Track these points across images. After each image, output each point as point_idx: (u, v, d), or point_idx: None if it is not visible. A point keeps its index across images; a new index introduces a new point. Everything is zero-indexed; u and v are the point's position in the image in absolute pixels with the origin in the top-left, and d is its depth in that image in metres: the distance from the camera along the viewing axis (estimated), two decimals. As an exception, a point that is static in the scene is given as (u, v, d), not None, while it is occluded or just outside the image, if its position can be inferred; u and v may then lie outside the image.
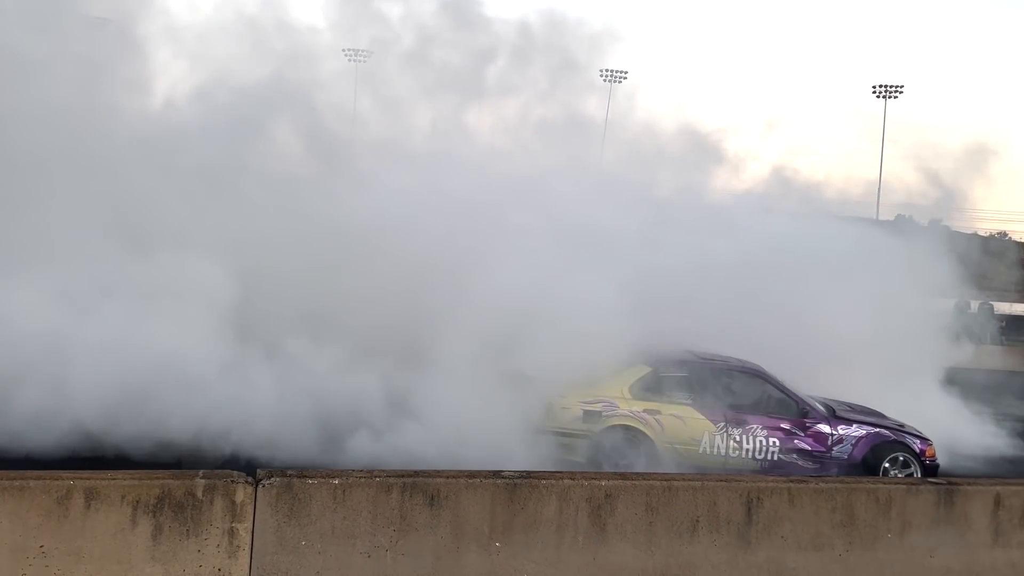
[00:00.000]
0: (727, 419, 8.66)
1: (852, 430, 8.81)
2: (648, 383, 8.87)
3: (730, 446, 8.58)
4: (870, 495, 5.47)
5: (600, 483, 4.96)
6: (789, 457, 8.62)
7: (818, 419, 8.84)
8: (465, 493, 4.67)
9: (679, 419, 8.63)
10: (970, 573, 5.54)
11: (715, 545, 5.07)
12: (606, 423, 8.58)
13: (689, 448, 8.53)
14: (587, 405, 8.62)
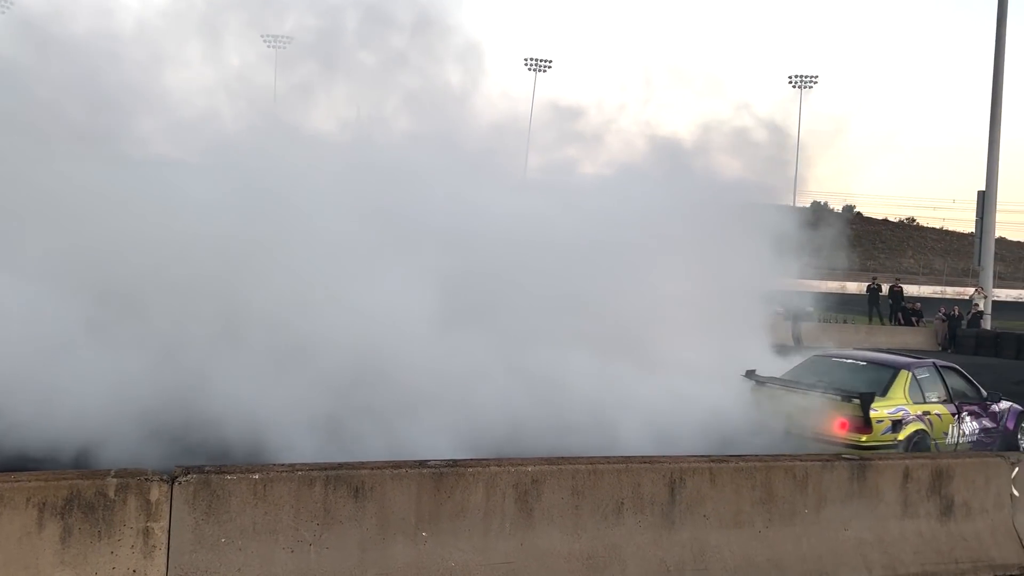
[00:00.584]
0: (958, 410, 9.80)
1: (1003, 405, 10.53)
2: (912, 387, 9.60)
3: (960, 434, 9.75)
4: (788, 472, 5.63)
5: (527, 468, 4.96)
6: (982, 436, 10.04)
7: (993, 400, 10.28)
8: (391, 484, 4.62)
9: (938, 416, 9.59)
10: (881, 543, 5.77)
11: (640, 526, 5.15)
12: (907, 430, 9.13)
13: (942, 441, 9.52)
14: (892, 415, 9.11)
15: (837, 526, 5.70)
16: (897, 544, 5.81)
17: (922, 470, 6.05)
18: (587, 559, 4.94)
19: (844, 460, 5.87)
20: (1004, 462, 6.35)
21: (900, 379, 9.56)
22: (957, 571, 5.90)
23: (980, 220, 25.05)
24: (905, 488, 5.97)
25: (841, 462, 5.84)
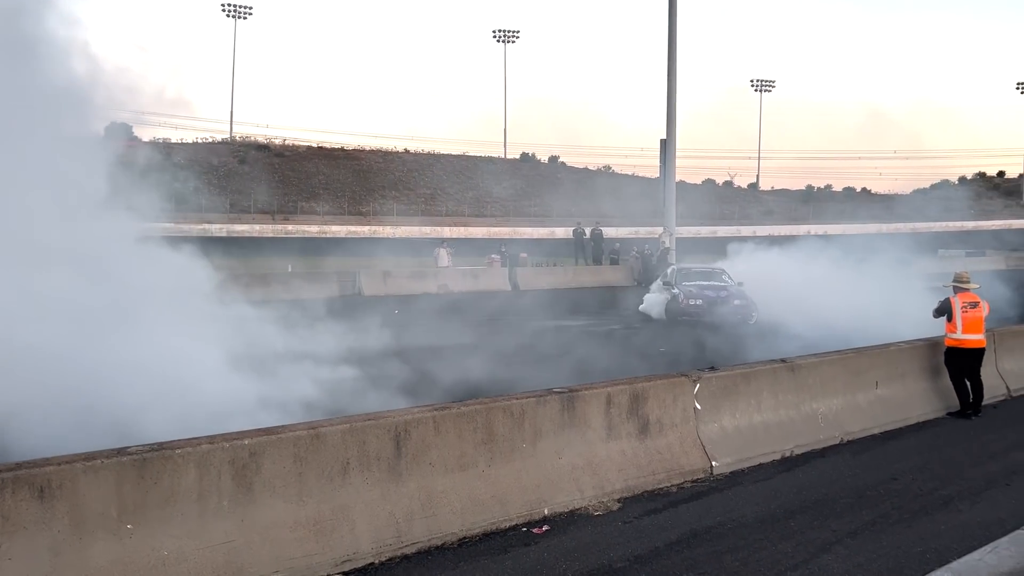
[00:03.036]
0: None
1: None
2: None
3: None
4: (506, 411, 5.91)
5: (243, 442, 4.71)
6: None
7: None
8: (83, 478, 4.14)
9: None
10: (590, 466, 6.28)
11: (367, 483, 5.13)
12: None
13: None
14: None
15: (552, 456, 6.11)
16: (604, 465, 6.37)
17: (622, 395, 6.65)
18: (314, 525, 4.83)
19: (555, 394, 6.27)
20: (688, 380, 7.17)
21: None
22: (655, 482, 6.60)
23: (663, 166, 27.83)
24: (609, 413, 6.54)
25: (552, 396, 6.23)
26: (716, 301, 17.60)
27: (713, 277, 19.12)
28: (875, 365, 9.03)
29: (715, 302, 17.58)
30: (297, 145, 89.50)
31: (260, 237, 61.93)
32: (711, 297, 17.77)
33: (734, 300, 17.62)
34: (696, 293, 17.96)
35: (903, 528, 5.83)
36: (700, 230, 62.47)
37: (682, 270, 19.81)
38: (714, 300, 17.63)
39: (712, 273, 19.46)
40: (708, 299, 17.68)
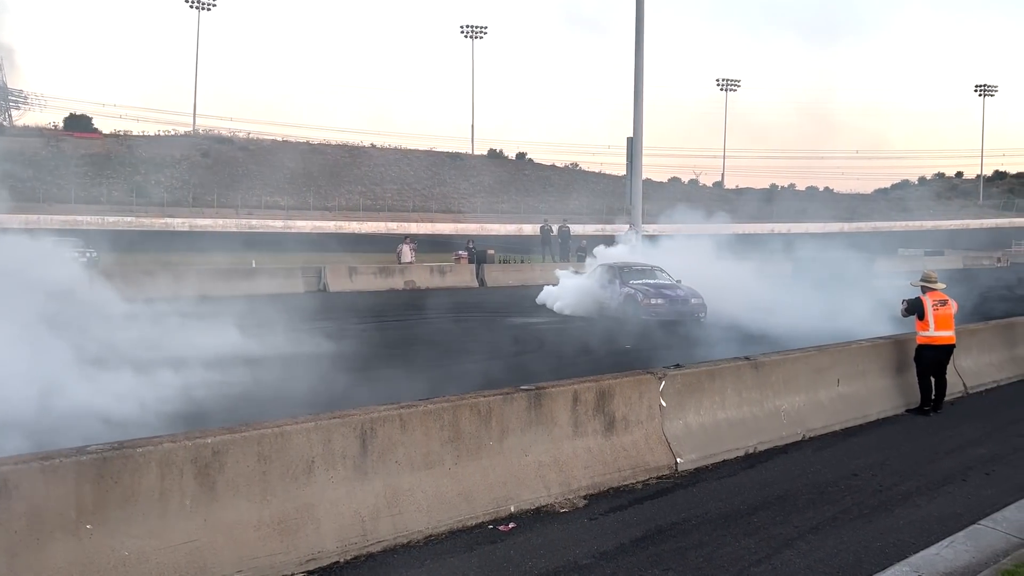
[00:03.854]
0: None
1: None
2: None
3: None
4: (473, 409, 5.90)
5: (206, 441, 4.64)
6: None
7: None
8: (41, 478, 4.05)
9: None
10: (557, 463, 6.30)
11: (332, 482, 5.09)
12: None
13: None
14: None
15: (519, 453, 6.11)
16: (571, 462, 6.39)
17: (588, 392, 6.67)
18: (279, 524, 4.79)
19: (522, 391, 6.27)
20: (653, 377, 7.22)
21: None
22: (620, 479, 6.64)
23: (630, 164, 27.99)
24: (575, 410, 6.56)
25: (520, 393, 6.23)
26: (675, 300, 17.84)
27: (655, 275, 19.13)
28: (837, 363, 9.17)
29: (674, 301, 17.81)
30: (262, 139, 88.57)
31: (223, 231, 61.07)
32: (670, 296, 17.94)
33: (691, 299, 17.85)
34: (654, 292, 18.04)
35: (863, 523, 5.93)
36: (665, 227, 62.97)
37: (623, 268, 19.48)
38: (673, 299, 17.85)
39: (652, 271, 19.40)
40: (668, 298, 17.86)
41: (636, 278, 18.85)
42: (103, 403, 8.16)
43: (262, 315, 15.77)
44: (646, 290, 18.14)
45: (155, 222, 63.93)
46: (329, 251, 38.71)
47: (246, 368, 10.63)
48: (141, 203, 69.26)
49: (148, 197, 70.67)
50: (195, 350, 11.09)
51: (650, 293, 17.98)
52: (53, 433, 6.75)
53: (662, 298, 17.82)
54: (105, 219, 61.97)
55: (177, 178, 77.30)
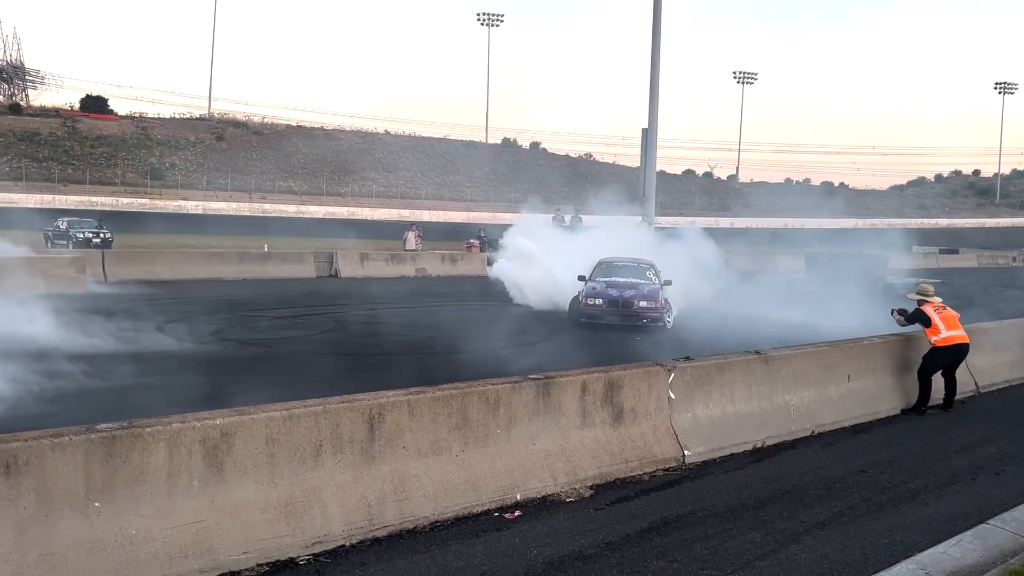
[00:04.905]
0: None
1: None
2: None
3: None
4: (481, 396, 5.89)
5: (215, 422, 4.66)
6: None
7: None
8: (51, 455, 4.08)
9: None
10: (564, 453, 6.30)
11: (340, 466, 5.10)
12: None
13: None
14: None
15: (526, 442, 6.11)
16: (578, 452, 6.39)
17: (597, 383, 6.66)
18: (285, 506, 4.80)
19: (531, 380, 6.26)
20: (663, 369, 7.20)
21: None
22: (627, 469, 6.63)
23: (644, 155, 27.86)
24: (584, 400, 6.55)
25: (528, 382, 6.22)
26: (616, 302, 15.56)
27: (636, 272, 16.82)
28: (848, 359, 9.12)
29: (615, 302, 15.56)
30: (276, 123, 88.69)
31: (236, 215, 61.30)
32: (613, 296, 15.65)
33: (640, 301, 15.54)
34: (599, 291, 15.88)
35: (870, 520, 5.90)
36: (679, 220, 62.72)
37: (602, 263, 17.23)
38: (616, 300, 15.58)
39: (636, 268, 17.04)
40: (610, 298, 15.62)
41: (607, 274, 16.73)
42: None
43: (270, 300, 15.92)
44: (592, 288, 16.08)
45: (168, 204, 64.20)
46: (340, 237, 38.77)
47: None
48: (155, 185, 69.55)
49: (162, 179, 70.96)
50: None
51: (593, 292, 15.93)
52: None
53: (602, 299, 15.67)
54: (119, 200, 62.32)
55: (191, 161, 77.52)
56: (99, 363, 10.65)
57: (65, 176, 68.16)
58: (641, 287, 16.09)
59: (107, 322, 14.46)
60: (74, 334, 12.71)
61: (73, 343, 11.95)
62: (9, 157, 68.91)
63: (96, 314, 15.26)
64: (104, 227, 33.92)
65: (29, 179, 65.83)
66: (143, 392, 9.19)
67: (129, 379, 9.94)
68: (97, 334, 13.05)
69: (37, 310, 13.97)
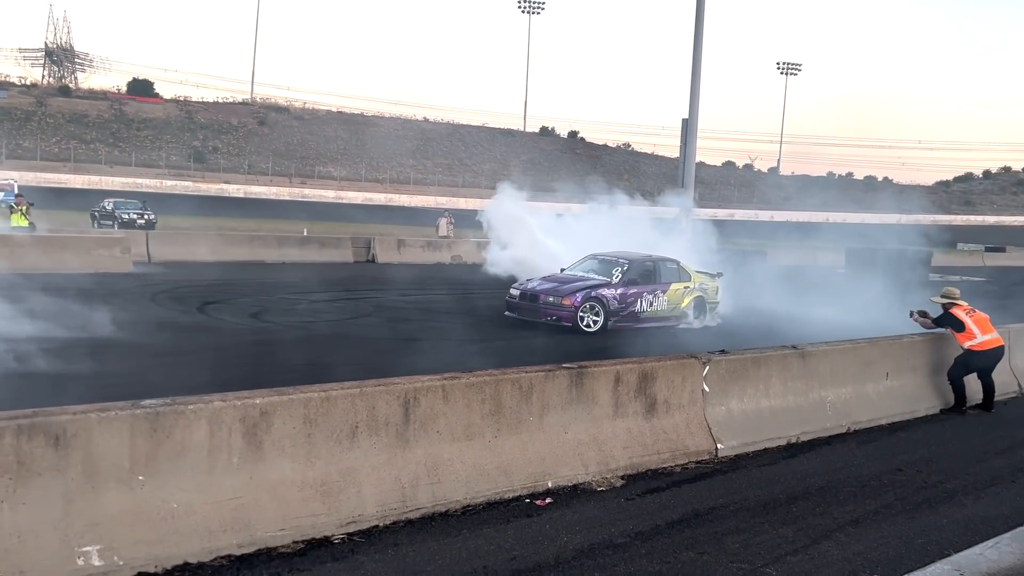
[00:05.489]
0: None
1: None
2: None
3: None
4: (515, 384, 5.94)
5: (255, 401, 4.76)
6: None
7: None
8: (98, 428, 4.21)
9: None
10: (596, 442, 6.32)
11: (375, 447, 5.19)
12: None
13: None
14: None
15: (558, 430, 6.14)
16: (610, 442, 6.40)
17: (631, 373, 6.67)
18: (321, 485, 4.90)
19: (564, 369, 6.29)
20: (697, 362, 7.18)
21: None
22: (659, 461, 6.64)
23: (683, 146, 27.61)
24: (617, 391, 6.56)
25: (562, 371, 6.25)
26: (527, 294, 14.23)
27: (609, 269, 14.76)
28: (887, 356, 9.00)
29: (526, 295, 14.21)
30: (317, 109, 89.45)
31: (276, 199, 62.04)
32: (527, 289, 14.36)
33: (548, 296, 13.88)
34: (520, 284, 14.79)
35: (905, 519, 5.84)
36: (717, 212, 62.08)
37: (588, 257, 15.54)
38: (527, 292, 14.25)
39: (616, 263, 14.93)
40: (523, 290, 14.37)
41: (583, 268, 15.17)
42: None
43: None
44: (524, 282, 14.98)
45: (211, 187, 65.19)
46: (378, 222, 39.05)
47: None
48: (198, 168, 70.62)
49: (205, 162, 72.07)
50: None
51: (520, 284, 14.83)
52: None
53: (519, 289, 14.49)
54: (163, 183, 63.43)
55: (233, 145, 78.59)
56: (142, 339, 10.92)
57: (111, 158, 69.53)
58: (571, 283, 14.21)
59: (150, 302, 14.79)
60: (118, 312, 13.01)
61: (116, 319, 12.23)
62: (59, 138, 70.50)
63: (140, 294, 15.60)
64: (148, 208, 34.56)
65: (77, 160, 67.29)
66: (183, 368, 9.41)
67: (171, 356, 10.17)
68: (140, 313, 13.35)
69: (82, 289, 14.29)
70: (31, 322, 10.75)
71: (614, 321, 14.11)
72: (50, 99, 77.68)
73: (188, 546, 4.36)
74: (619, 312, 14.20)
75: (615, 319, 14.15)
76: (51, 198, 37.26)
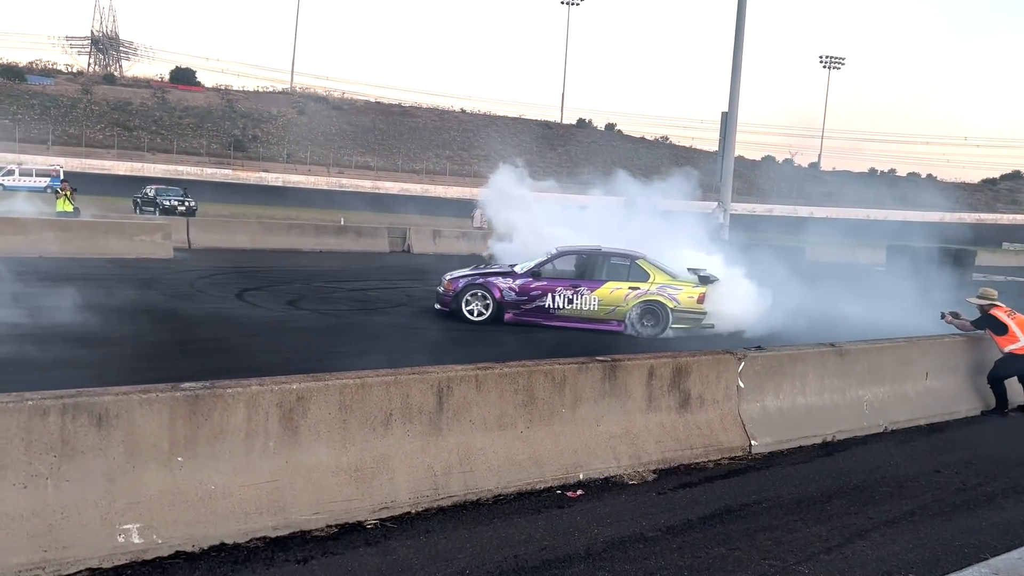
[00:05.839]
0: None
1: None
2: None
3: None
4: (548, 375, 5.95)
5: (291, 386, 4.83)
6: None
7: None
8: (139, 410, 4.30)
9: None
10: (628, 435, 6.30)
11: (408, 435, 5.23)
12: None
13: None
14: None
15: (591, 422, 6.14)
16: (642, 436, 6.39)
17: (664, 367, 6.64)
18: (355, 471, 4.96)
19: (598, 362, 6.28)
20: (733, 358, 7.12)
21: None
22: (692, 456, 6.60)
23: (723, 140, 27.33)
24: (650, 385, 6.54)
25: (595, 364, 6.24)
26: (442, 283, 13.64)
27: (567, 262, 13.80)
28: (927, 355, 8.84)
29: (444, 283, 13.58)
30: (355, 99, 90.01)
31: (314, 188, 62.63)
32: (445, 279, 13.63)
33: (441, 285, 13.56)
34: (446, 277, 13.77)
35: (942, 521, 5.75)
36: (756, 207, 61.42)
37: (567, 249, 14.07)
38: (444, 281, 13.60)
39: (577, 257, 13.80)
40: (448, 281, 13.51)
41: (552, 263, 13.75)
42: None
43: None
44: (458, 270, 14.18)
45: (250, 175, 66.02)
46: (414, 213, 39.25)
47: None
48: (238, 156, 71.53)
49: (245, 151, 72.96)
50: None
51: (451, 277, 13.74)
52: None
53: (441, 285, 13.66)
54: (204, 170, 64.39)
55: (272, 134, 79.44)
56: (181, 323, 11.13)
57: (153, 145, 70.69)
58: (476, 271, 13.67)
59: (190, 287, 15.05)
60: (158, 296, 13.25)
61: (157, 303, 12.46)
62: (103, 125, 71.85)
63: (180, 280, 15.88)
64: (189, 196, 35.12)
65: (120, 147, 68.53)
66: (220, 354, 9.57)
67: (211, 341, 10.35)
68: (181, 298, 13.59)
69: (123, 274, 14.58)
70: (63, 307, 11.03)
71: (514, 314, 13.05)
72: (95, 87, 79.17)
73: (225, 527, 4.45)
74: (519, 305, 13.04)
75: (514, 312, 13.06)
76: (95, 184, 38.03)
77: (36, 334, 9.50)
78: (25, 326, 9.91)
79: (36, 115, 70.82)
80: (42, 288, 12.78)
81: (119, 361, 8.78)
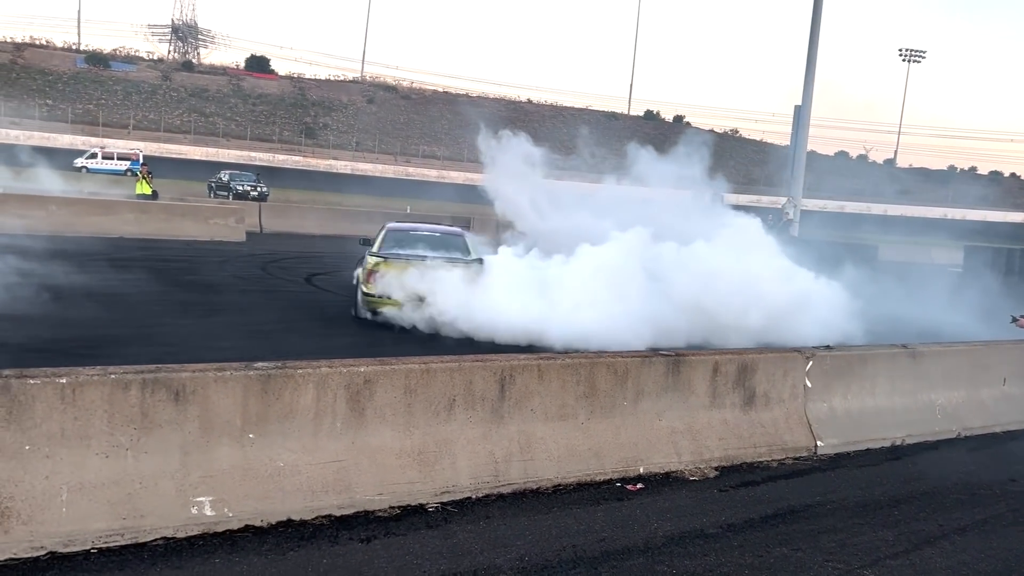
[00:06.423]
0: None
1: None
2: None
3: None
4: (609, 368, 5.94)
5: (359, 369, 4.94)
6: None
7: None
8: (214, 386, 4.46)
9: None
10: (690, 431, 6.26)
11: (470, 421, 5.30)
12: None
13: None
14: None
15: (652, 416, 6.11)
16: (704, 432, 6.33)
17: (729, 364, 6.56)
18: (418, 455, 5.04)
19: (661, 356, 6.25)
20: (800, 356, 6.99)
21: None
22: (755, 454, 6.52)
23: (795, 134, 26.72)
24: (714, 381, 6.47)
25: (658, 358, 6.21)
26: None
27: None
28: (1005, 360, 8.53)
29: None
30: (424, 89, 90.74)
31: (382, 177, 63.47)
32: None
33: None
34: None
35: (1016, 531, 5.56)
36: (827, 204, 59.85)
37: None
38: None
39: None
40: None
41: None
42: None
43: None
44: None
45: (320, 163, 67.24)
46: (478, 203, 39.38)
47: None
48: (309, 144, 72.92)
49: (315, 139, 74.31)
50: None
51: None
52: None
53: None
54: (275, 156, 65.80)
55: (343, 122, 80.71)
56: (255, 302, 11.45)
57: (228, 131, 72.50)
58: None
59: (260, 270, 15.45)
60: (230, 278, 13.65)
61: (230, 285, 12.84)
62: (181, 111, 74.05)
63: (251, 263, 16.32)
64: (261, 181, 36.01)
65: (196, 132, 70.55)
66: (283, 334, 9.83)
67: (281, 323, 10.63)
68: (253, 280, 13.97)
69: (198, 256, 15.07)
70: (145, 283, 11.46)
71: None
72: (174, 73, 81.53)
73: (292, 504, 4.58)
74: None
75: None
76: (172, 168, 39.25)
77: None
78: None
79: (119, 100, 73.37)
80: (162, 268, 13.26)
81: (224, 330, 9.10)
